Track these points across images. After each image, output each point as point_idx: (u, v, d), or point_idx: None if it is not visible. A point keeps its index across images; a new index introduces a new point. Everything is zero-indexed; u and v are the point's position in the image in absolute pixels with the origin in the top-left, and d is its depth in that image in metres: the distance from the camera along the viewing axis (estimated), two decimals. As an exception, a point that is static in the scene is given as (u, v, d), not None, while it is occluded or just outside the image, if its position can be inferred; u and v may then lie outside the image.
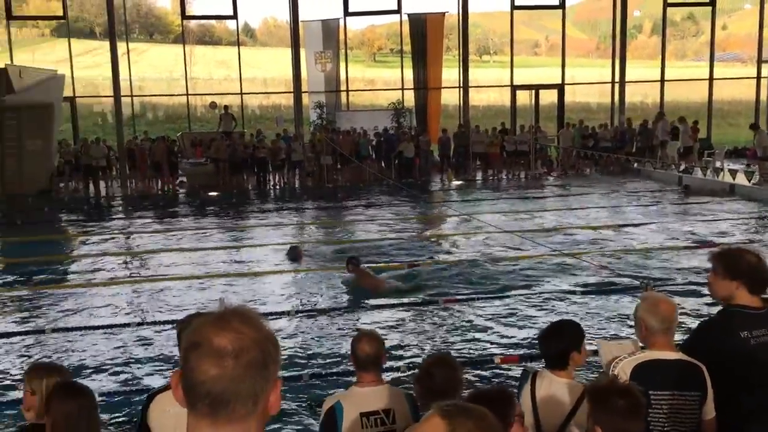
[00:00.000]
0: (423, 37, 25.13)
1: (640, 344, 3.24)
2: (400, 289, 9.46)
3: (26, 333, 8.25)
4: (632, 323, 3.30)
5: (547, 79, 28.69)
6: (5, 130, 20.36)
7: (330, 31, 25.61)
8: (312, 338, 7.76)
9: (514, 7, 25.63)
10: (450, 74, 26.49)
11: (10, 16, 25.14)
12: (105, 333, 8.13)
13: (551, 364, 3.33)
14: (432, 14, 25.39)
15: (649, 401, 2.80)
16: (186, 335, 1.36)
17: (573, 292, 9.17)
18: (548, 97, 27.43)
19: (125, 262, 12.17)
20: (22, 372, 6.89)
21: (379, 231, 14.14)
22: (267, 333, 1.36)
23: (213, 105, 25.31)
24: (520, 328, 7.92)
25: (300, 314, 8.63)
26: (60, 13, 25.42)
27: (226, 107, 23.80)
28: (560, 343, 3.29)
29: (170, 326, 8.09)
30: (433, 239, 13.40)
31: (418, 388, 3.15)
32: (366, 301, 9.04)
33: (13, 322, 8.80)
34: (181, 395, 1.34)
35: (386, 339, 4.76)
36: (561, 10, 26.00)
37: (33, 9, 38.79)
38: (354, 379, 3.51)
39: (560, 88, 26.41)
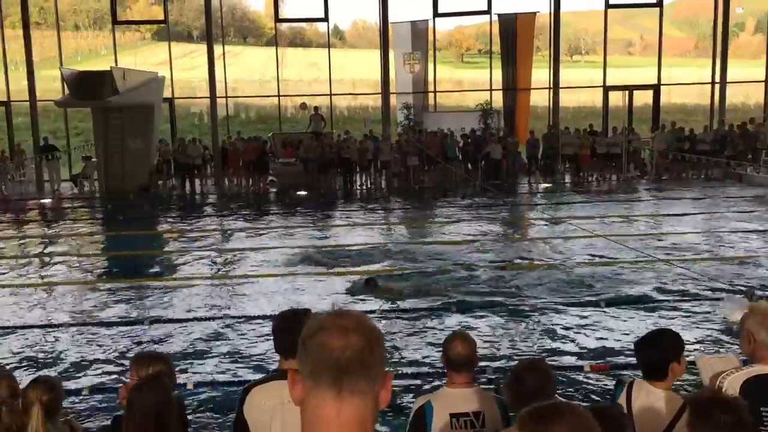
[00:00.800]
0: (513, 38, 24.81)
1: (742, 358, 3.10)
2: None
3: (126, 324, 8.68)
4: (725, 333, 3.16)
5: (641, 80, 27.73)
6: (110, 129, 21.49)
7: (419, 32, 25.68)
8: (399, 339, 7.80)
9: (608, 6, 24.92)
10: (539, 75, 26.03)
11: (115, 21, 26.49)
12: (200, 325, 8.46)
13: (649, 375, 3.22)
14: (522, 14, 25.03)
15: (760, 418, 2.68)
16: (308, 325, 1.43)
17: (665, 301, 8.85)
18: (642, 99, 26.50)
19: (217, 257, 12.57)
20: (118, 360, 7.28)
21: (464, 234, 14.05)
22: (378, 329, 1.47)
23: (303, 106, 25.84)
24: (610, 336, 7.71)
25: (384, 313, 8.70)
26: (161, 17, 26.55)
27: (315, 108, 24.25)
28: (660, 353, 3.18)
29: (261, 321, 8.35)
30: (519, 242, 13.21)
31: (509, 393, 3.12)
32: (450, 304, 9.02)
33: (113, 313, 9.26)
34: (298, 393, 1.41)
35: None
36: (658, 8, 25.09)
37: (136, 14, 40.72)
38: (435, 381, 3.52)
39: (656, 88, 25.48)
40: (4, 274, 11.53)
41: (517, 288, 9.72)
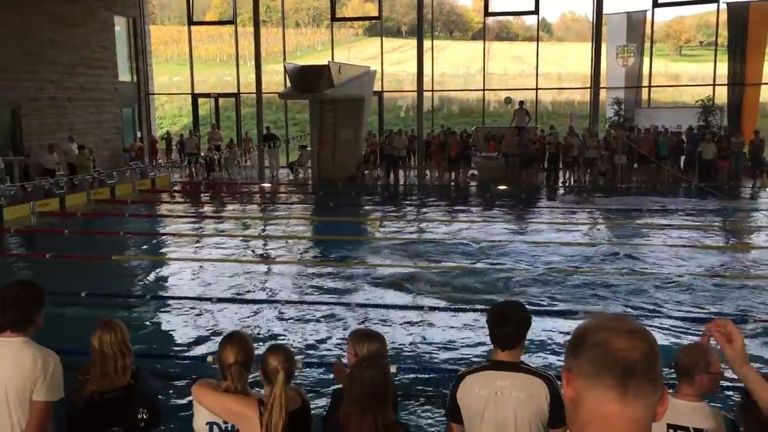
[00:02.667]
0: (743, 28, 22.66)
1: None
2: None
3: (335, 304, 9.20)
4: None
5: None
6: (324, 120, 22.85)
7: (634, 23, 24.36)
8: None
9: None
10: (773, 69, 23.57)
11: (333, 18, 28.08)
12: (401, 312, 8.76)
13: None
14: (757, 2, 22.75)
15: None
16: (585, 325, 1.45)
17: None
18: None
19: (416, 246, 12.87)
20: (323, 339, 7.74)
21: (676, 239, 13.15)
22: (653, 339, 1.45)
23: (507, 100, 25.64)
24: None
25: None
26: (375, 14, 27.66)
27: (521, 102, 23.94)
28: None
29: (456, 312, 8.45)
30: (736, 251, 12.11)
31: (742, 417, 2.89)
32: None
33: (322, 293, 9.87)
34: (571, 392, 1.43)
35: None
36: None
37: (351, 11, 42.87)
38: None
39: None
40: (228, 251, 12.74)
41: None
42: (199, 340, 8.00)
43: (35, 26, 20.55)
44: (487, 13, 27.53)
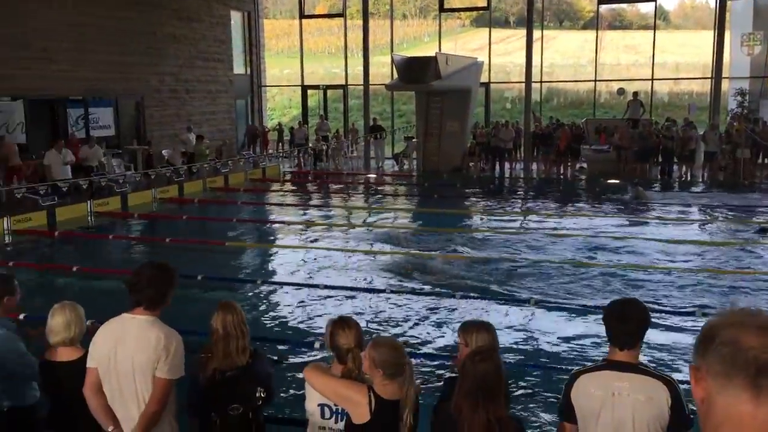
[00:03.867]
0: None
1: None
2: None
3: (438, 295, 9.20)
4: None
5: None
6: (430, 112, 22.85)
7: (762, 10, 22.89)
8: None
9: None
10: None
11: (442, 9, 27.99)
12: (506, 306, 8.66)
13: None
14: None
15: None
16: (714, 321, 1.38)
17: None
18: None
19: (518, 240, 12.67)
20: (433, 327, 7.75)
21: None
22: None
23: (620, 91, 24.73)
24: None
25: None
26: (484, 4, 27.30)
27: (634, 93, 23.02)
28: None
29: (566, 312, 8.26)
30: None
31: None
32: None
33: (425, 284, 9.89)
34: (700, 392, 1.36)
35: None
36: None
37: (458, 2, 42.52)
38: None
39: None
40: (334, 239, 13.01)
41: None
42: (306, 325, 8.23)
43: (158, 22, 21.67)
44: (600, 1, 26.61)
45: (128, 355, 3.38)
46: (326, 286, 9.55)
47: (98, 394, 3.45)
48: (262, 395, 3.71)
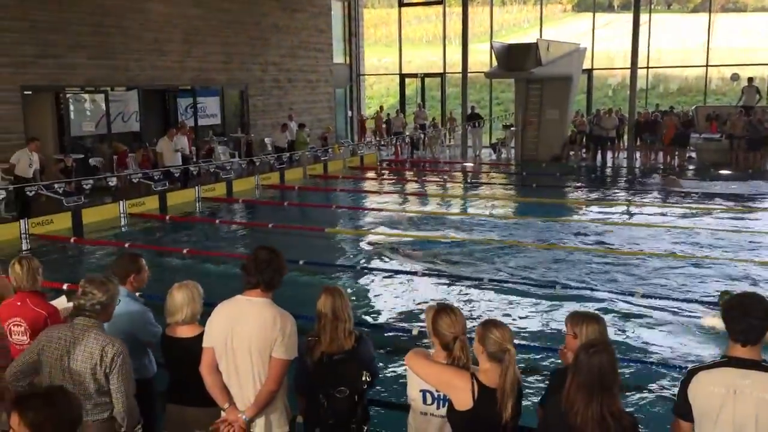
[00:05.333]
0: None
1: None
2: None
3: (537, 285, 9.06)
4: None
5: None
6: (529, 99, 22.43)
7: None
8: None
9: None
10: None
11: (543, -6, 27.37)
12: (612, 295, 8.43)
13: None
14: None
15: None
16: None
17: None
18: None
19: (612, 231, 12.27)
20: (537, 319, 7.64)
21: None
22: None
23: (734, 77, 23.46)
24: None
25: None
26: (586, -12, 26.45)
27: (750, 79, 21.75)
28: None
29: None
30: None
31: None
32: None
33: (525, 272, 9.75)
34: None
35: None
36: None
37: (560, -14, 41.35)
38: None
39: None
40: (430, 226, 13.01)
41: None
42: (403, 312, 8.30)
43: (261, 12, 22.25)
44: (713, -18, 25.22)
45: (245, 336, 3.50)
46: (424, 273, 9.59)
47: (214, 373, 3.59)
48: (368, 379, 3.77)
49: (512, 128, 23.70)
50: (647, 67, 25.05)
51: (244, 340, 3.50)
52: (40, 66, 15.53)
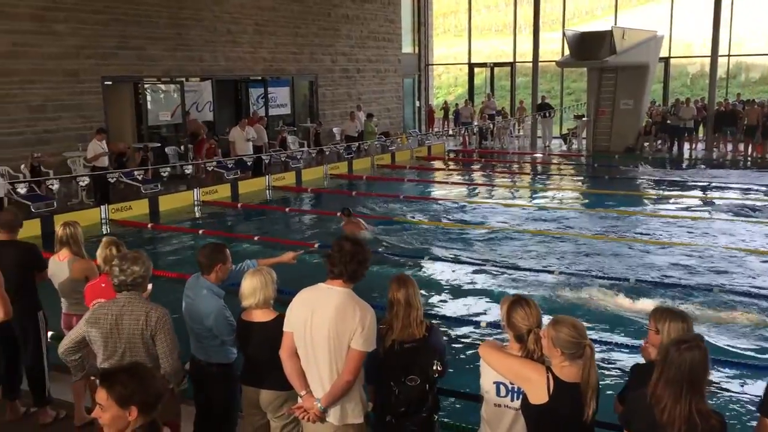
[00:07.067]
0: None
1: None
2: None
3: (612, 278, 8.84)
4: None
5: None
6: (603, 89, 21.86)
7: None
8: None
9: None
10: None
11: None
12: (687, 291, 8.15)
13: None
14: None
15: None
16: None
17: None
18: None
19: (693, 225, 11.85)
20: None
21: None
22: None
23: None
24: None
25: None
26: (664, -27, 25.56)
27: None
28: None
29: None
30: None
31: None
32: None
33: (595, 266, 9.53)
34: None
35: None
36: None
37: (635, -28, 40.01)
38: None
39: None
40: (498, 218, 12.86)
41: None
42: (472, 303, 8.24)
43: (332, 3, 22.40)
44: (803, -36, 23.95)
45: (324, 324, 3.50)
46: (494, 264, 9.50)
47: (293, 358, 3.62)
48: (439, 368, 3.75)
49: (584, 118, 23.17)
50: (728, 55, 24.06)
51: (322, 328, 3.50)
52: (120, 57, 16.07)
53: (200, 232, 11.79)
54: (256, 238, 11.22)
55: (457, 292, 8.77)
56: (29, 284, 5.15)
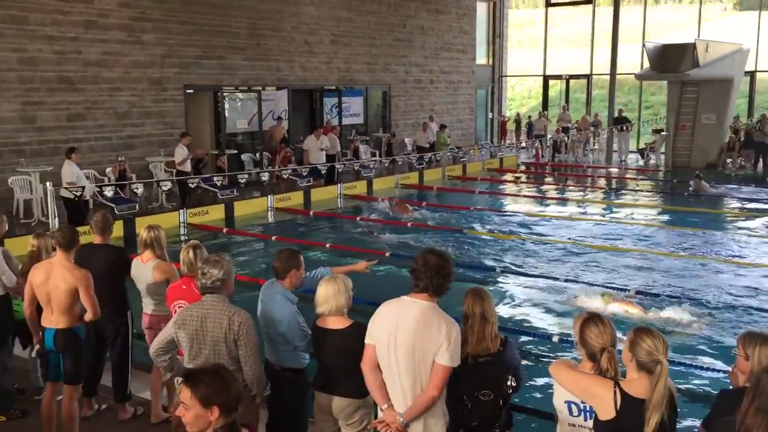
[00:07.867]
0: None
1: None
2: None
3: (689, 299, 8.54)
4: None
5: None
6: (683, 103, 21.20)
7: None
8: None
9: None
10: None
11: (703, -10, 25.76)
12: None
13: None
14: None
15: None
16: None
17: None
18: None
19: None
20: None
21: None
22: None
23: None
24: None
25: None
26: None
27: None
28: None
29: None
30: None
31: None
32: None
33: (671, 286, 9.21)
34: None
35: None
36: None
37: (719, -18, 38.69)
38: None
39: None
40: (573, 232, 12.60)
41: None
42: (543, 318, 8.10)
43: (408, 14, 22.54)
44: None
45: (409, 337, 3.45)
46: (566, 280, 9.32)
47: (375, 371, 3.59)
48: (513, 384, 3.71)
49: (663, 133, 22.51)
50: (819, 69, 22.99)
51: (407, 342, 3.45)
52: (201, 67, 16.60)
53: (273, 238, 12.00)
54: (327, 246, 11.34)
55: (528, 306, 8.64)
56: (120, 285, 5.40)
